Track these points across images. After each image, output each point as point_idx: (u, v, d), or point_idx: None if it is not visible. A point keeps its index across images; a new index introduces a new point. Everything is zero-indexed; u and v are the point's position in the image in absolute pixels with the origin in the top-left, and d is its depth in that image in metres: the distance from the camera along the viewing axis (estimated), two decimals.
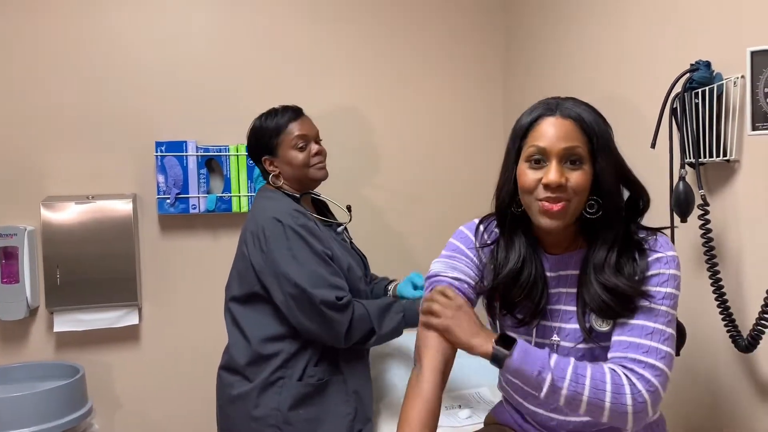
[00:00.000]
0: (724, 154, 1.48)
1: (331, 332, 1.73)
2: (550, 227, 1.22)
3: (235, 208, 2.43)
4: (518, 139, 1.26)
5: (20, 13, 2.29)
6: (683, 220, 1.52)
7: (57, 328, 2.31)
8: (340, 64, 2.59)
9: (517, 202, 1.28)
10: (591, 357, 1.26)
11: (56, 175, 2.34)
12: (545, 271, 1.30)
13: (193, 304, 2.46)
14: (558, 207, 1.19)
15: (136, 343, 2.45)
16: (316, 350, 1.79)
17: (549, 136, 1.21)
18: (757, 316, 1.36)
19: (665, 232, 1.30)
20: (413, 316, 1.81)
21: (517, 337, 1.20)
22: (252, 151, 1.93)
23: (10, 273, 2.24)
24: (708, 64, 1.50)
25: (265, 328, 1.80)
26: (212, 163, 2.45)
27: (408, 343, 2.25)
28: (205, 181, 2.42)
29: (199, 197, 2.40)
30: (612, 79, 1.97)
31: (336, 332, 1.72)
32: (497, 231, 1.34)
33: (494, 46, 2.76)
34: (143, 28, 2.40)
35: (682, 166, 1.54)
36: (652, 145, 1.56)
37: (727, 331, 1.46)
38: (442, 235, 1.93)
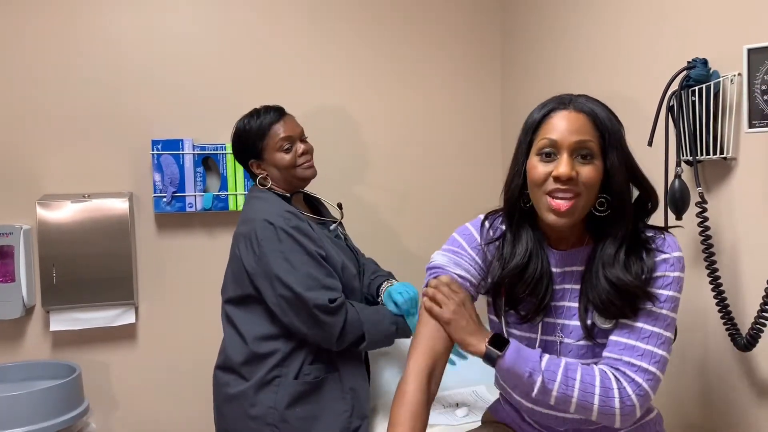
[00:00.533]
0: (721, 152, 1.48)
1: (324, 335, 1.72)
2: (557, 224, 1.21)
3: (231, 207, 2.42)
4: (530, 133, 1.26)
5: (16, 11, 2.28)
6: (678, 218, 1.52)
7: (53, 327, 2.30)
8: (337, 63, 2.59)
9: (526, 197, 1.27)
10: (593, 354, 1.26)
11: (52, 174, 2.33)
12: (551, 267, 1.29)
13: (189, 303, 2.46)
14: (567, 206, 1.18)
15: (132, 342, 2.44)
16: (311, 348, 1.78)
17: (561, 129, 1.20)
18: (756, 314, 1.36)
19: (671, 231, 1.30)
20: (405, 330, 1.83)
21: (510, 338, 1.21)
22: (237, 154, 1.93)
23: (5, 272, 2.24)
24: (705, 62, 1.50)
25: (260, 327, 1.80)
26: (209, 162, 2.44)
27: (405, 341, 2.25)
28: (202, 180, 2.41)
29: (195, 195, 2.40)
30: (609, 77, 1.96)
31: (329, 335, 1.72)
32: (503, 227, 1.34)
33: (491, 45, 2.75)
34: (139, 27, 2.39)
35: (678, 164, 1.54)
36: (649, 143, 1.56)
37: (726, 330, 1.46)
38: (437, 234, 1.93)
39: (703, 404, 1.62)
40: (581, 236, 1.29)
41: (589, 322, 1.24)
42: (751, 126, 1.40)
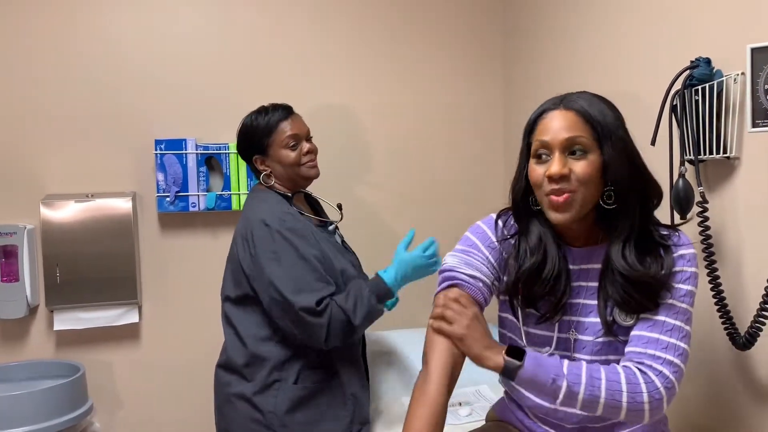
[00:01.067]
0: (724, 151, 1.48)
1: (312, 336, 1.70)
2: (558, 221, 1.22)
3: (234, 206, 2.43)
4: (527, 136, 1.28)
5: (19, 11, 2.28)
6: (683, 218, 1.52)
7: (57, 327, 2.31)
8: (338, 63, 2.59)
9: (534, 199, 1.28)
10: (609, 351, 1.26)
11: (56, 174, 2.34)
12: (568, 264, 1.29)
13: (192, 302, 2.46)
14: (562, 199, 1.19)
15: (136, 342, 2.45)
16: (311, 353, 1.77)
17: (551, 129, 1.22)
18: (755, 313, 1.36)
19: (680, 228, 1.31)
20: (382, 289, 1.76)
21: (527, 338, 1.21)
22: (242, 150, 1.92)
23: (9, 271, 2.24)
24: (708, 61, 1.50)
25: (258, 328, 1.80)
26: (212, 161, 2.44)
27: (404, 344, 2.26)
28: (205, 179, 2.41)
29: (198, 195, 2.40)
30: (611, 77, 1.96)
31: (317, 336, 1.69)
32: (516, 225, 1.34)
33: (492, 44, 2.75)
34: (142, 27, 2.40)
35: (682, 164, 1.54)
36: (652, 143, 1.56)
37: (725, 329, 1.46)
38: (438, 235, 1.93)
39: (702, 403, 1.62)
40: (595, 233, 1.29)
41: (610, 318, 1.24)
42: (754, 125, 1.40)
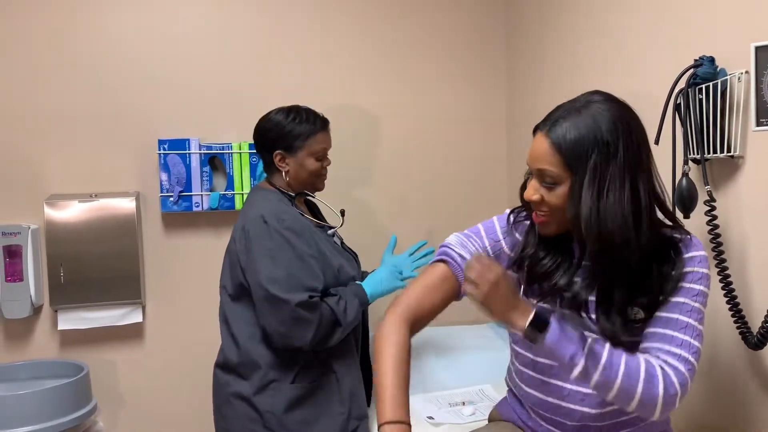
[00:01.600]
0: (728, 150, 1.47)
1: (299, 334, 1.70)
2: (543, 234, 1.28)
3: (238, 206, 2.43)
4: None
5: (23, 12, 2.29)
6: (686, 217, 1.52)
7: (61, 326, 2.32)
8: (340, 62, 2.58)
9: None
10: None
11: (59, 174, 2.35)
12: (574, 258, 1.29)
13: (196, 302, 2.46)
14: (539, 220, 1.26)
15: (140, 341, 2.45)
16: (307, 352, 1.78)
17: (531, 153, 1.25)
18: (767, 312, 1.36)
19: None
20: (363, 296, 1.83)
21: (554, 312, 1.20)
22: (266, 143, 1.90)
23: (14, 271, 2.25)
24: (712, 60, 1.49)
25: (254, 328, 1.80)
26: (215, 161, 2.45)
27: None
28: (208, 179, 2.42)
29: (202, 195, 2.41)
30: (615, 76, 1.96)
31: (304, 333, 1.69)
32: (527, 222, 1.37)
33: (495, 45, 2.74)
34: (145, 27, 2.40)
35: (686, 162, 1.54)
36: (656, 141, 1.55)
37: (737, 328, 1.45)
38: (441, 235, 1.93)
39: (713, 403, 1.61)
40: None
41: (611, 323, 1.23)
42: (758, 124, 1.40)
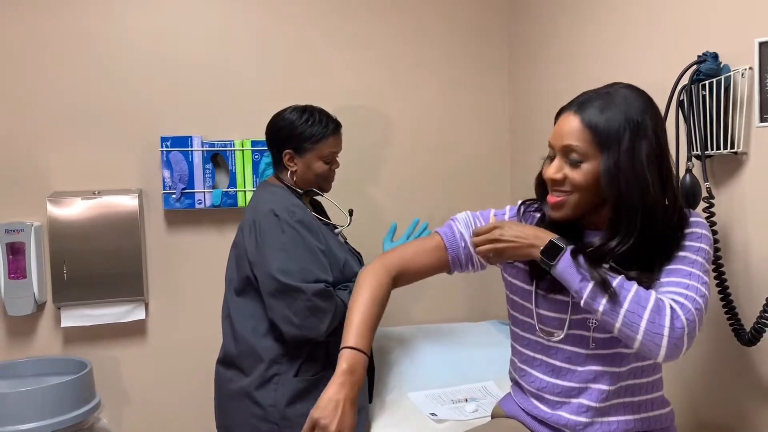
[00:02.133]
0: (732, 147, 1.47)
1: (315, 324, 1.70)
2: (554, 218, 1.27)
3: (240, 203, 2.43)
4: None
5: (25, 9, 2.29)
6: None
7: (64, 324, 2.32)
8: (343, 63, 2.58)
9: None
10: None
11: (62, 171, 2.35)
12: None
13: (199, 299, 2.47)
14: (555, 200, 1.25)
15: (143, 338, 2.46)
16: (309, 345, 1.78)
17: (557, 131, 1.25)
18: (761, 309, 1.36)
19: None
20: None
21: (566, 245, 1.21)
22: (277, 141, 1.91)
23: (17, 268, 2.25)
24: (715, 56, 1.49)
25: (257, 322, 1.81)
26: (217, 158, 2.45)
27: (410, 340, 2.26)
28: (211, 176, 2.42)
29: (204, 192, 2.41)
30: (618, 72, 1.95)
31: (320, 323, 1.70)
32: (537, 214, 1.40)
33: (497, 42, 2.74)
34: (148, 24, 2.40)
35: (689, 159, 1.53)
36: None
37: (730, 325, 1.46)
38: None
39: (707, 398, 1.62)
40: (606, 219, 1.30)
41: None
42: (762, 120, 1.40)
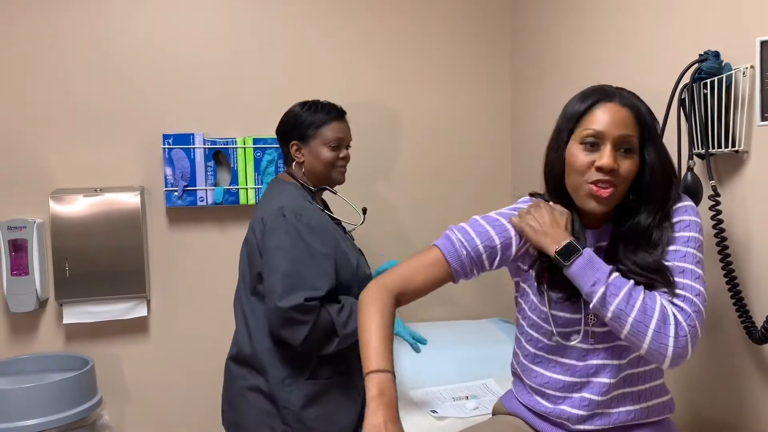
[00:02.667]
0: (733, 145, 1.47)
1: (292, 333, 1.69)
2: (596, 211, 1.27)
3: (242, 201, 2.43)
4: (572, 121, 1.29)
5: (27, 9, 2.29)
6: None
7: (66, 320, 2.33)
8: (346, 61, 2.58)
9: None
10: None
11: (64, 168, 2.35)
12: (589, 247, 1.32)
13: (201, 296, 2.47)
14: (607, 193, 1.24)
15: (144, 335, 2.46)
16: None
17: (606, 121, 1.25)
18: None
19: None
20: None
21: (581, 247, 1.24)
22: (284, 133, 1.92)
23: (19, 265, 2.26)
24: (717, 54, 1.49)
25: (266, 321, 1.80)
26: (219, 156, 2.45)
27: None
28: (213, 174, 2.42)
29: (206, 190, 2.41)
30: (619, 70, 1.96)
31: (296, 333, 1.68)
32: None
33: (500, 42, 2.73)
34: (150, 22, 2.40)
35: (690, 157, 1.54)
36: (660, 136, 1.55)
37: (741, 323, 1.46)
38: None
39: (718, 396, 1.62)
40: (607, 216, 1.33)
41: None
42: (763, 119, 1.40)
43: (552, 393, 1.36)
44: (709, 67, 1.48)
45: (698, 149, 1.53)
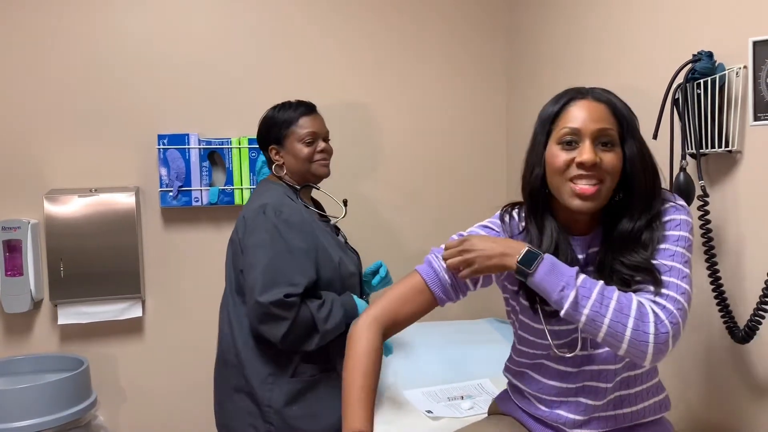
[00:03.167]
0: (726, 145, 1.48)
1: (272, 329, 1.68)
2: (582, 209, 1.22)
3: (237, 201, 2.43)
4: (548, 123, 1.27)
5: (23, 7, 2.29)
6: None
7: (61, 321, 2.32)
8: (343, 60, 2.59)
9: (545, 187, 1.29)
10: None
11: (59, 169, 2.35)
12: (577, 255, 1.29)
13: (196, 297, 2.47)
14: (592, 191, 1.20)
15: (139, 336, 2.46)
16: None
17: (582, 117, 1.23)
18: (755, 307, 1.37)
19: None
20: (352, 308, 1.77)
21: (546, 254, 1.20)
22: (261, 139, 1.93)
23: (14, 266, 2.26)
24: (710, 55, 1.50)
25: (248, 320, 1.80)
26: (214, 156, 2.45)
27: (409, 337, 2.26)
28: (208, 174, 2.42)
29: (201, 190, 2.41)
30: (613, 71, 1.96)
31: (276, 329, 1.67)
32: (522, 223, 1.34)
33: (496, 41, 2.74)
34: (145, 22, 2.40)
35: (683, 157, 1.54)
36: (654, 136, 1.56)
37: (724, 322, 1.47)
38: (440, 231, 1.92)
39: (701, 395, 1.63)
40: (596, 221, 1.30)
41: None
42: (756, 119, 1.41)
43: (548, 398, 1.35)
44: (703, 68, 1.49)
45: (692, 149, 1.54)
